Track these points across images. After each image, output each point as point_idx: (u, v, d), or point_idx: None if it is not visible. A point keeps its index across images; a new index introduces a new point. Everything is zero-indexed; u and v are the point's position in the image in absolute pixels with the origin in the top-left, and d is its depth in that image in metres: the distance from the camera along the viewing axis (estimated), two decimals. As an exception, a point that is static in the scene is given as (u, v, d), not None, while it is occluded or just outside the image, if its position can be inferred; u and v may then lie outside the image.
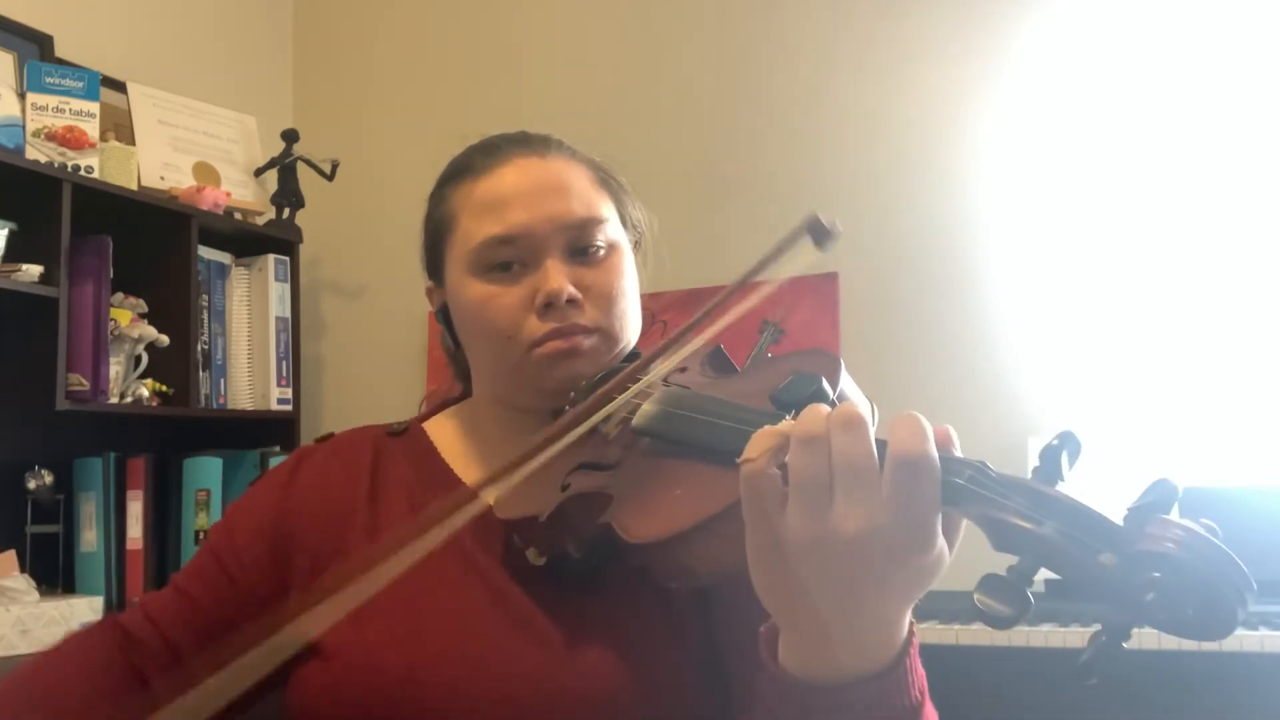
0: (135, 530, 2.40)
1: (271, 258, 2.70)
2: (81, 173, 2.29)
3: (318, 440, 1.07)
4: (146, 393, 2.40)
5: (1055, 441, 0.60)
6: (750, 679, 0.76)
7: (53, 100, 2.30)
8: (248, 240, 2.71)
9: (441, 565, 0.87)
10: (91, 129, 2.33)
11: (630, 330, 0.98)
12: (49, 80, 2.30)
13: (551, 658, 0.85)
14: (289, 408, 2.70)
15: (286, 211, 2.80)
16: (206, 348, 2.57)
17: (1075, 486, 0.60)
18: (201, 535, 2.45)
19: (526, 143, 1.00)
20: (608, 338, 0.95)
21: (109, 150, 2.40)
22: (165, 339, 2.44)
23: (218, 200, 2.55)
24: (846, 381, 0.75)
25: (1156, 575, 0.54)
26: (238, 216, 2.68)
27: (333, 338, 3.08)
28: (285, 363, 2.71)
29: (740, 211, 2.60)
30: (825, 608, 0.63)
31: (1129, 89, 2.34)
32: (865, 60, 2.56)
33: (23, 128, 2.24)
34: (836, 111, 2.57)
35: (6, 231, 2.18)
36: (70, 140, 2.30)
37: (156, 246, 2.50)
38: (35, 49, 2.46)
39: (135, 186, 2.43)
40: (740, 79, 2.68)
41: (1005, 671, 1.92)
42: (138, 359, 2.43)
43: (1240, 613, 0.55)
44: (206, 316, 2.58)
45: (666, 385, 0.87)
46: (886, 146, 2.52)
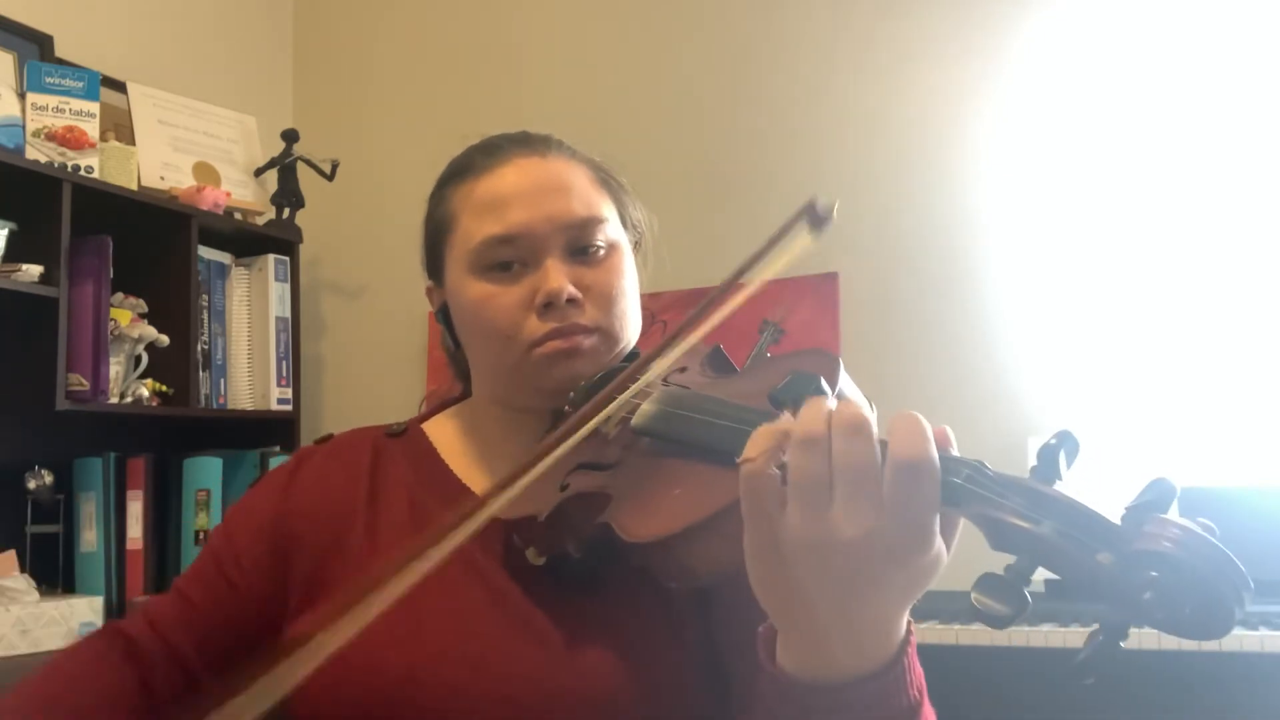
0: (135, 530, 2.40)
1: (271, 258, 2.70)
2: (81, 173, 2.29)
3: (317, 441, 1.07)
4: (146, 393, 2.40)
5: (1053, 441, 0.60)
6: (750, 679, 0.76)
7: (53, 100, 2.30)
8: (248, 240, 2.71)
9: (441, 566, 0.87)
10: (91, 129, 2.34)
11: (630, 330, 0.98)
12: (49, 80, 2.30)
13: (551, 658, 0.85)
14: (289, 408, 2.70)
15: (286, 211, 2.80)
16: (206, 348, 2.57)
17: (1073, 486, 0.60)
18: (201, 535, 2.45)
19: (527, 143, 1.00)
20: (608, 337, 0.95)
21: (109, 150, 2.40)
22: (165, 339, 2.44)
23: (218, 200, 2.55)
24: (846, 381, 0.75)
25: (1154, 574, 0.54)
26: (238, 216, 2.68)
27: (333, 338, 3.08)
28: (285, 363, 2.71)
29: (740, 211, 2.60)
30: (823, 607, 0.63)
31: (1129, 89, 2.34)
32: (865, 60, 2.56)
33: (23, 128, 2.24)
34: (836, 111, 2.58)
35: (6, 231, 2.18)
36: (70, 140, 2.30)
37: (156, 246, 2.50)
38: (35, 49, 2.46)
39: (135, 186, 2.43)
40: (740, 79, 2.68)
41: (1005, 671, 1.92)
42: (138, 359, 2.43)
43: (1238, 612, 0.55)
44: (206, 316, 2.58)
45: (666, 385, 0.87)
46: (886, 146, 2.52)
